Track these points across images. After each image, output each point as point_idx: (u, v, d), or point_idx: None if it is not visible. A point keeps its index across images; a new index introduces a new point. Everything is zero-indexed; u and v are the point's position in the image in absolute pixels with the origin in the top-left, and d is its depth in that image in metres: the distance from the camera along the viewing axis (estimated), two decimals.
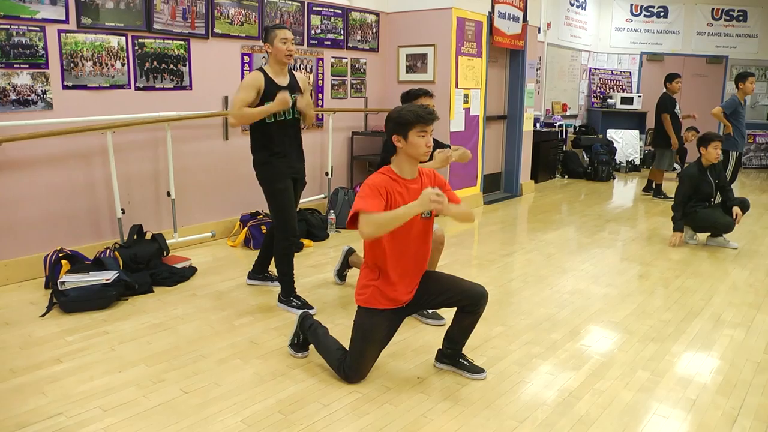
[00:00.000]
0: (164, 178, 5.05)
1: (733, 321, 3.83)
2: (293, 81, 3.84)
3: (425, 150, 2.79)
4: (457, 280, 3.00)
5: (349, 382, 2.92)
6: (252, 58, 5.59)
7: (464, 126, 7.00)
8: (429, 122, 2.79)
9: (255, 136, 3.81)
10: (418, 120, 2.76)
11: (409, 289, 2.93)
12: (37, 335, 3.41)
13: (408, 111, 2.80)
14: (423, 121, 2.76)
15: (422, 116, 2.77)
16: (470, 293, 2.90)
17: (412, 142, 2.76)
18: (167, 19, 4.91)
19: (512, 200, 7.98)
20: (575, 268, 4.94)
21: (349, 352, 2.94)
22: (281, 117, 3.74)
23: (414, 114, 2.77)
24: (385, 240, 2.80)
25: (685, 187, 5.60)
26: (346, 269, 4.39)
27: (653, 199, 8.26)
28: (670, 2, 11.92)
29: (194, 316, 3.75)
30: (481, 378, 2.98)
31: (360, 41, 6.71)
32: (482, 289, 2.93)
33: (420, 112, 2.79)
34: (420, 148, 2.77)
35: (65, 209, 4.51)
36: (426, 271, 3.01)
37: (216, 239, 5.45)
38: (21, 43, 4.14)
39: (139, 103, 4.83)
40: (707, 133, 5.70)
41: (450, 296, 2.94)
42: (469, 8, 6.81)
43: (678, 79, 8.09)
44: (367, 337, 2.89)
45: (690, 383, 2.99)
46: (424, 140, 2.77)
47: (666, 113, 7.98)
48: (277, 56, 3.72)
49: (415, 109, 2.81)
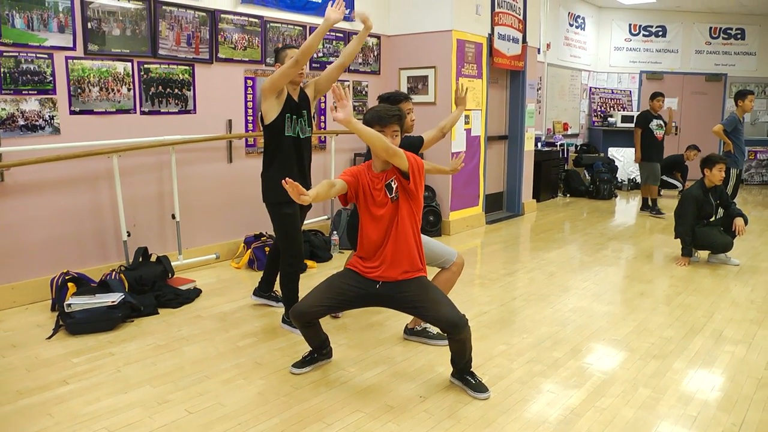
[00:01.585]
0: (169, 200, 5.12)
1: (735, 337, 3.85)
2: (303, 95, 3.89)
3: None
4: (438, 302, 2.98)
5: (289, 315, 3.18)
6: (255, 81, 5.68)
7: (466, 146, 7.06)
8: (387, 122, 2.97)
9: (269, 151, 3.82)
10: (377, 120, 2.97)
11: (376, 266, 3.04)
12: (43, 357, 3.45)
13: (370, 112, 3.01)
14: (380, 122, 2.97)
15: (381, 117, 2.97)
16: (442, 322, 2.93)
17: None
18: (172, 45, 5.01)
19: (514, 219, 8.03)
20: (577, 286, 4.96)
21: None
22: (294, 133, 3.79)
23: (373, 115, 2.99)
24: (363, 218, 3.06)
25: (690, 209, 5.59)
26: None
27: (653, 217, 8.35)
28: (668, 21, 12.05)
29: (199, 337, 3.79)
30: (482, 398, 3.00)
31: (362, 64, 6.81)
32: (456, 320, 2.89)
33: (381, 113, 2.97)
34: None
35: (72, 232, 4.57)
36: (419, 278, 3.05)
37: (220, 261, 5.50)
38: (29, 70, 4.23)
39: (145, 127, 4.91)
40: (712, 155, 5.71)
41: (425, 315, 3.01)
42: (469, 30, 6.91)
43: (660, 98, 8.48)
44: (328, 279, 3.14)
45: (691, 400, 3.01)
46: None
47: (639, 128, 8.31)
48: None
49: (377, 110, 3.01)
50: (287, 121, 3.76)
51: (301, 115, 3.85)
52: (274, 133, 3.77)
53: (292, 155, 3.80)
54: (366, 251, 3.09)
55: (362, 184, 3.04)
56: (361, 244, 3.12)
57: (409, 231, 3.03)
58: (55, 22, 4.31)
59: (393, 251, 3.01)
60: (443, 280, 3.62)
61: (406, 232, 3.02)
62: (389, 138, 2.97)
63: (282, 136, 3.75)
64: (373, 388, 3.09)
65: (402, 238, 3.02)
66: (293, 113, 3.79)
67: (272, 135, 3.78)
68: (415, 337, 3.74)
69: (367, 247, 3.08)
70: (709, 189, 5.65)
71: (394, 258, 3.01)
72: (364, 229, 3.09)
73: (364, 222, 3.09)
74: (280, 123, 3.74)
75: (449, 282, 3.67)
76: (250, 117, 5.67)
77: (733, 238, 5.60)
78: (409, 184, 2.96)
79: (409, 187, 2.97)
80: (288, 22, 5.90)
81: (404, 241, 3.02)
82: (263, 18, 5.68)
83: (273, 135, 3.77)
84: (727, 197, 5.85)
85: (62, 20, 4.34)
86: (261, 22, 5.66)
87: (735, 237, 5.59)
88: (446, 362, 3.16)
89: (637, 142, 8.41)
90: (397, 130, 3.02)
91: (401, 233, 3.01)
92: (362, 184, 3.04)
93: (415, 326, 3.76)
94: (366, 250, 3.09)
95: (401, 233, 3.01)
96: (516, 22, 7.74)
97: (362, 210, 3.08)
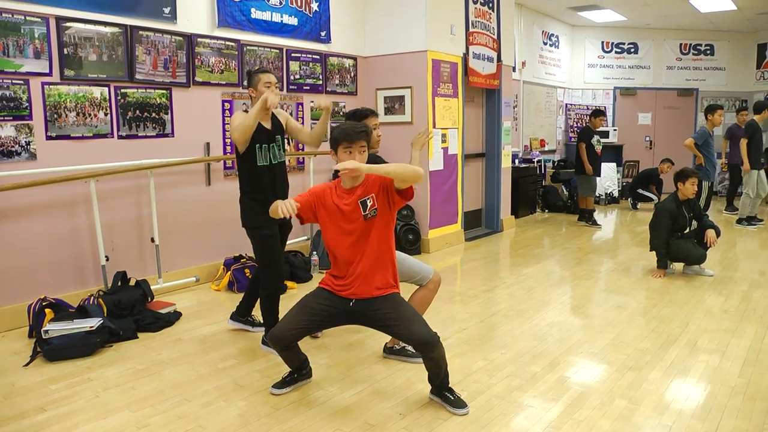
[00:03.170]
0: (148, 224, 5.11)
1: (709, 347, 3.92)
2: (276, 122, 3.92)
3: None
4: (410, 320, 2.98)
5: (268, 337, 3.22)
6: (232, 104, 5.72)
7: (443, 165, 7.14)
8: (354, 138, 2.99)
9: (244, 178, 3.87)
10: (344, 137, 2.99)
11: (348, 284, 3.04)
12: (20, 384, 3.42)
13: (338, 130, 3.03)
14: (348, 138, 2.99)
15: (349, 134, 2.99)
16: (414, 340, 2.95)
17: (341, 158, 3.00)
18: (149, 69, 5.04)
19: (493, 236, 8.10)
20: (555, 300, 5.02)
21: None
22: (267, 162, 3.82)
23: (341, 132, 3.00)
24: (331, 236, 3.07)
25: (665, 222, 5.69)
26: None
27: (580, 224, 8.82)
28: (639, 39, 12.32)
29: (179, 360, 3.78)
30: (461, 413, 3.02)
31: (339, 85, 6.88)
32: (427, 338, 2.90)
33: (348, 130, 2.99)
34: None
35: (49, 258, 4.55)
36: (392, 295, 3.07)
37: (200, 284, 5.49)
38: (5, 96, 4.23)
39: (122, 152, 4.92)
40: (684, 169, 5.83)
41: (397, 333, 3.02)
42: (444, 50, 7.02)
43: (602, 117, 8.80)
44: (301, 301, 3.14)
45: (666, 410, 3.06)
46: (349, 157, 2.98)
47: (582, 143, 8.60)
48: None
49: (343, 128, 3.02)
50: (258, 152, 3.79)
51: (274, 140, 3.88)
52: (246, 162, 3.81)
53: (266, 181, 3.83)
54: (338, 269, 3.11)
55: (324, 202, 3.06)
56: (334, 262, 3.14)
57: (383, 248, 3.06)
58: (30, 48, 4.32)
59: (366, 268, 3.03)
60: (420, 297, 3.64)
61: (380, 249, 3.04)
62: (357, 154, 2.99)
63: (255, 165, 3.79)
64: (353, 407, 3.11)
65: (375, 255, 3.04)
66: (265, 142, 3.80)
67: (244, 163, 3.82)
68: (394, 356, 3.76)
69: (340, 264, 3.10)
70: (683, 202, 5.77)
71: (367, 275, 3.03)
72: (332, 247, 3.10)
73: (330, 239, 3.09)
74: (251, 155, 3.78)
75: (426, 300, 3.69)
76: (228, 140, 5.70)
77: (706, 249, 5.71)
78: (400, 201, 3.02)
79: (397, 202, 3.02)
80: (264, 45, 5.97)
81: (377, 258, 3.04)
82: (240, 41, 5.73)
83: (245, 164, 3.82)
84: (699, 209, 5.97)
85: (38, 46, 4.36)
86: (238, 45, 5.71)
87: (708, 249, 5.70)
88: (425, 379, 3.18)
89: (583, 155, 8.65)
90: (364, 146, 3.04)
91: (374, 250, 3.03)
92: (324, 202, 3.06)
93: (394, 345, 3.78)
94: (338, 267, 3.11)
95: (374, 250, 3.03)
96: (490, 42, 7.88)
97: (328, 227, 3.08)
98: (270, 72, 3.88)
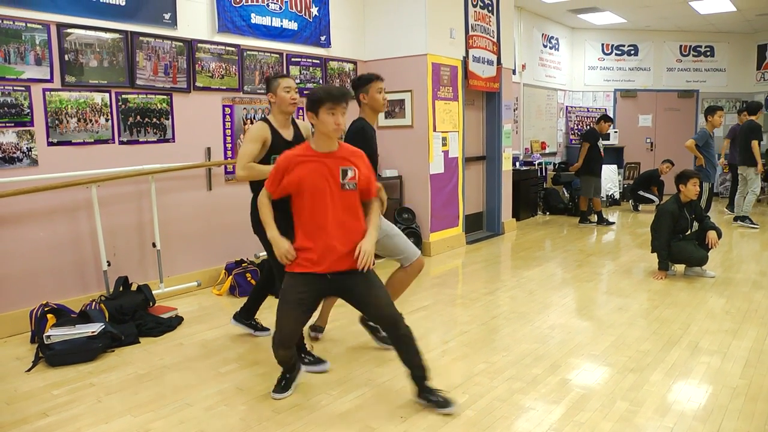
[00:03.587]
0: (149, 229, 5.12)
1: (710, 348, 3.92)
2: (297, 132, 3.80)
3: (333, 127, 2.94)
4: (380, 299, 3.05)
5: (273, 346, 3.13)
6: (233, 109, 5.74)
7: (444, 168, 7.15)
8: (338, 100, 2.94)
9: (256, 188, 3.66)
10: (328, 98, 2.92)
11: (324, 257, 2.99)
12: (23, 390, 3.42)
13: (320, 89, 2.98)
14: (332, 99, 2.92)
15: (333, 94, 2.93)
16: (382, 319, 3.06)
17: (322, 119, 2.94)
18: (149, 75, 5.06)
19: (495, 239, 8.10)
20: (557, 303, 5.03)
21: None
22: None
23: (325, 92, 2.95)
24: (305, 204, 2.98)
25: (667, 224, 5.69)
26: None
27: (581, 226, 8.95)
28: (639, 41, 12.33)
29: (180, 365, 3.78)
30: (449, 411, 3.04)
31: None
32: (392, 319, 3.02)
33: (333, 91, 2.95)
34: (328, 126, 2.94)
35: (51, 263, 4.56)
36: (368, 273, 3.05)
37: (201, 288, 5.50)
38: (6, 103, 4.25)
39: (124, 157, 4.93)
40: (685, 171, 5.83)
41: (368, 311, 3.11)
42: (444, 54, 7.04)
43: (609, 122, 9.02)
44: (283, 297, 3.07)
45: (668, 411, 3.06)
46: (332, 118, 2.94)
47: (587, 142, 8.78)
48: (281, 106, 3.67)
49: (327, 88, 2.99)
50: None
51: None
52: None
53: None
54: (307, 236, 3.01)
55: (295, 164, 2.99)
56: (302, 230, 3.03)
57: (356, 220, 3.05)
58: (32, 55, 4.35)
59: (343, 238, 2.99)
60: (397, 279, 3.73)
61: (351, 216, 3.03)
62: (339, 116, 2.93)
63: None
64: (354, 410, 3.11)
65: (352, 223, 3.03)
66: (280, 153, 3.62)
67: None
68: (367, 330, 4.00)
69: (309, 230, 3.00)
70: (685, 204, 5.77)
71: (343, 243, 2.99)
72: (307, 207, 2.99)
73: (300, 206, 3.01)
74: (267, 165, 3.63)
75: (403, 284, 3.76)
76: (228, 144, 5.71)
77: (708, 251, 5.70)
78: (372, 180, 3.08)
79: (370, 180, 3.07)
80: (265, 50, 5.98)
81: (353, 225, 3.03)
82: (240, 46, 5.75)
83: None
84: (701, 211, 5.97)
85: (39, 53, 4.38)
86: (238, 50, 5.73)
87: (709, 250, 5.70)
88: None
89: (582, 154, 8.82)
90: (346, 109, 2.99)
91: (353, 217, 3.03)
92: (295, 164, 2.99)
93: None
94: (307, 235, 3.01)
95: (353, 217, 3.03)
96: (490, 45, 7.90)
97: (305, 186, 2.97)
98: (289, 77, 3.77)
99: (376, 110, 3.87)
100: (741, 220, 8.57)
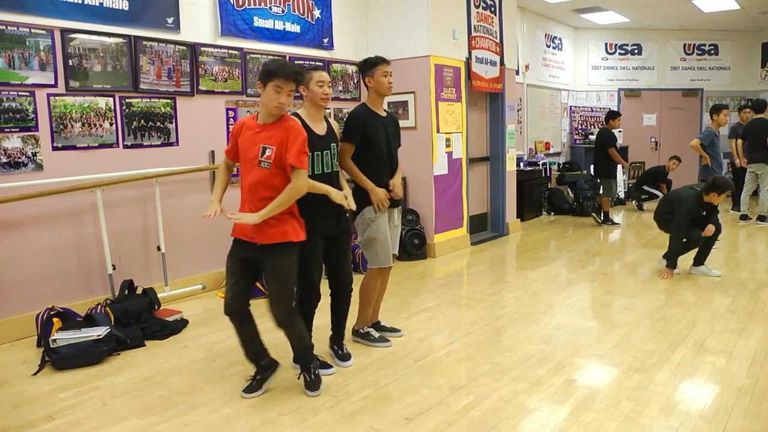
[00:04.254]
0: (154, 232, 5.14)
1: (716, 348, 3.91)
2: (330, 129, 3.63)
3: (276, 104, 2.98)
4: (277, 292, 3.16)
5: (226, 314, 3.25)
6: (236, 112, 5.75)
7: (447, 169, 7.15)
8: (288, 78, 2.95)
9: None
10: (280, 74, 2.95)
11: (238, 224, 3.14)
12: (29, 394, 3.44)
13: (276, 63, 3.00)
14: (283, 76, 2.95)
15: (285, 72, 2.96)
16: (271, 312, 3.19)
17: (268, 93, 2.99)
18: (153, 79, 5.08)
19: (499, 239, 8.09)
20: (561, 303, 5.02)
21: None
22: (319, 171, 3.50)
23: (278, 66, 2.97)
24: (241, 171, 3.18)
25: (685, 223, 5.66)
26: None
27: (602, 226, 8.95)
28: (643, 40, 12.30)
29: (186, 367, 3.79)
30: (312, 395, 3.27)
31: (342, 91, 6.90)
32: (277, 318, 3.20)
33: (287, 68, 2.96)
34: (271, 101, 2.98)
35: (56, 267, 4.58)
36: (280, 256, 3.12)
37: (206, 291, 5.51)
38: (11, 108, 4.27)
39: (128, 161, 4.95)
40: (720, 182, 5.63)
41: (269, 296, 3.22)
42: (447, 55, 7.04)
43: (619, 117, 9.08)
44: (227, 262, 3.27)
45: (673, 411, 3.05)
46: (276, 96, 2.96)
47: (612, 147, 8.80)
48: (313, 99, 3.50)
49: (283, 64, 3.00)
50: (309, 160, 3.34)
51: (328, 147, 3.55)
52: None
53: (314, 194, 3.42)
54: (242, 203, 3.18)
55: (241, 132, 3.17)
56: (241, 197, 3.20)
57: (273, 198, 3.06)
58: (36, 60, 4.37)
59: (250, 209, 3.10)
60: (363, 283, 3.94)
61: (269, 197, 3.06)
62: (285, 97, 2.97)
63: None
64: (359, 412, 3.12)
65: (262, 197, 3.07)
66: (317, 149, 3.47)
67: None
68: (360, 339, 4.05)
69: (244, 197, 3.17)
70: (705, 204, 5.71)
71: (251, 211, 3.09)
72: (241, 174, 3.18)
73: (242, 167, 3.17)
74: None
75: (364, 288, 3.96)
76: None
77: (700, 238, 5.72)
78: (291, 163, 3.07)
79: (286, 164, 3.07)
80: (268, 53, 5.99)
81: (263, 199, 3.07)
82: (243, 50, 5.77)
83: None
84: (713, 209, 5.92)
85: (43, 58, 4.40)
86: (241, 53, 5.75)
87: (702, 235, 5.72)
88: (431, 384, 3.19)
89: (617, 157, 8.86)
90: (293, 91, 3.02)
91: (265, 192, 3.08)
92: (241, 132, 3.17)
93: (360, 329, 4.03)
94: (243, 202, 3.17)
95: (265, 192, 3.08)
96: (493, 45, 7.89)
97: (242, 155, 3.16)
98: (323, 70, 3.60)
99: (382, 94, 3.91)
100: (761, 221, 8.56)
